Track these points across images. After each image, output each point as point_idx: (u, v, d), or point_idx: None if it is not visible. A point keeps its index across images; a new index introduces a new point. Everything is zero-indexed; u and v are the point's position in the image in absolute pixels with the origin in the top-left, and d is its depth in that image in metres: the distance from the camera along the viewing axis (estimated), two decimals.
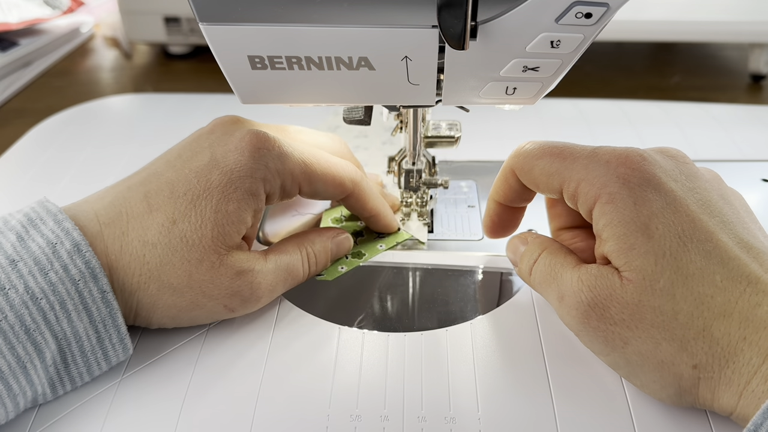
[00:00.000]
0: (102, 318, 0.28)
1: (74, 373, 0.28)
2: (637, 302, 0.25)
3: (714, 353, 0.24)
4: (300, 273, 0.33)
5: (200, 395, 0.28)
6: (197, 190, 0.29)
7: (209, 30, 0.25)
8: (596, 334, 0.26)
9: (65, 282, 0.27)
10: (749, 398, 0.23)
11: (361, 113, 0.33)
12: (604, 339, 0.26)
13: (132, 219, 0.29)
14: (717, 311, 0.24)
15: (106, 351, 0.28)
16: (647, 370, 0.26)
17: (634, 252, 0.26)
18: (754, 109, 0.55)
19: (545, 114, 0.53)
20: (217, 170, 0.30)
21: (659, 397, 0.26)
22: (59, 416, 0.28)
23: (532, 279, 0.31)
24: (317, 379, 0.29)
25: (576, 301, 0.27)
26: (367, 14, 0.24)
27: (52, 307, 0.26)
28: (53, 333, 0.26)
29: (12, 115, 0.62)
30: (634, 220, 0.26)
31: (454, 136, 0.37)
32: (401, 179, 0.39)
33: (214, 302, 0.30)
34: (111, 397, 0.28)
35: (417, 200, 0.39)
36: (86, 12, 0.84)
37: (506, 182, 0.32)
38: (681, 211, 0.26)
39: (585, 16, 0.24)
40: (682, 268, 0.25)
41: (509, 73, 0.27)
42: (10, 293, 0.25)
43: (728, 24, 0.62)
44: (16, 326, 0.25)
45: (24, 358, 0.25)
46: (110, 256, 0.29)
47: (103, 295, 0.27)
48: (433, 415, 0.27)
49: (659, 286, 0.25)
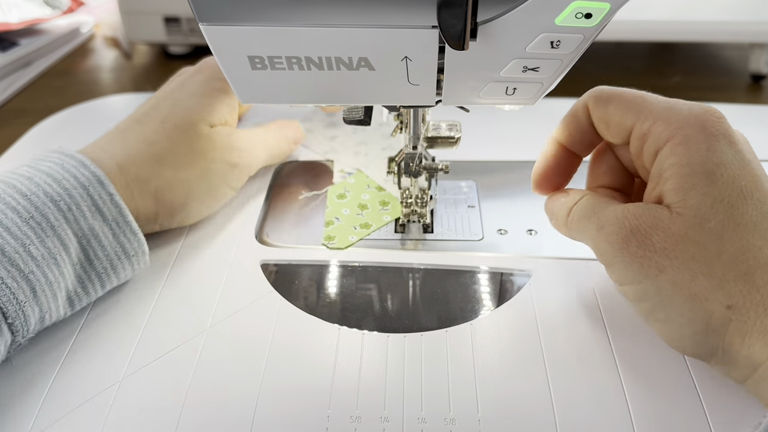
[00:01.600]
0: (113, 217, 0.32)
1: (99, 268, 0.32)
2: (683, 234, 0.26)
3: (753, 299, 0.24)
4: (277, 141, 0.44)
5: (200, 395, 0.28)
6: (178, 98, 0.37)
7: (209, 30, 0.25)
8: (633, 260, 0.26)
9: (77, 188, 0.31)
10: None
11: (361, 113, 0.33)
12: (640, 265, 0.26)
13: (129, 132, 0.36)
14: (763, 261, 0.25)
15: (123, 245, 0.32)
16: (677, 301, 0.26)
17: (693, 192, 0.26)
18: (754, 109, 0.55)
19: (545, 114, 0.53)
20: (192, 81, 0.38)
21: (678, 339, 0.27)
22: (60, 417, 0.28)
23: (570, 219, 0.31)
24: (317, 380, 0.29)
25: (618, 228, 0.27)
26: (367, 14, 0.24)
27: (69, 207, 0.30)
28: (73, 231, 0.30)
29: (12, 115, 0.62)
30: (702, 163, 0.26)
31: (454, 136, 0.37)
32: (401, 166, 0.38)
33: (218, 163, 0.37)
34: (111, 397, 0.28)
35: (417, 200, 0.39)
36: (86, 12, 0.84)
37: (575, 119, 0.32)
38: (747, 169, 0.27)
39: (585, 16, 0.24)
40: (735, 216, 0.25)
41: (509, 73, 0.27)
42: (32, 197, 0.29)
43: (728, 24, 0.62)
44: (43, 223, 0.29)
45: (54, 251, 0.29)
46: (118, 158, 0.34)
47: (111, 197, 0.32)
48: (432, 416, 0.27)
49: (709, 225, 0.25)
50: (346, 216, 0.40)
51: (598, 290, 0.34)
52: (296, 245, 0.38)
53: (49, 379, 0.29)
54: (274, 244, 0.38)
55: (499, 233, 0.39)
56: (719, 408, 0.28)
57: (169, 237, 0.38)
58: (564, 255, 0.37)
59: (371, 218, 0.40)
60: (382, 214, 0.40)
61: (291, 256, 0.37)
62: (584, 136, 0.32)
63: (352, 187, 0.43)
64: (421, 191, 0.39)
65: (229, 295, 0.34)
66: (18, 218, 0.29)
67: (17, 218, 0.29)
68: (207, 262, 0.36)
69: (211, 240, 0.38)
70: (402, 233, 0.39)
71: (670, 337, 0.27)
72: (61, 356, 0.30)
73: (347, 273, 0.36)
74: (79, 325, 0.32)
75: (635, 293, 0.27)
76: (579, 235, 0.31)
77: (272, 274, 0.36)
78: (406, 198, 0.39)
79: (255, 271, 0.36)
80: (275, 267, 0.36)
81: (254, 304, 0.33)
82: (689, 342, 0.26)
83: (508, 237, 0.39)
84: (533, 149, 0.48)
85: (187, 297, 0.34)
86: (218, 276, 0.35)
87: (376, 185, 0.42)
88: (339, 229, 0.39)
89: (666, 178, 0.27)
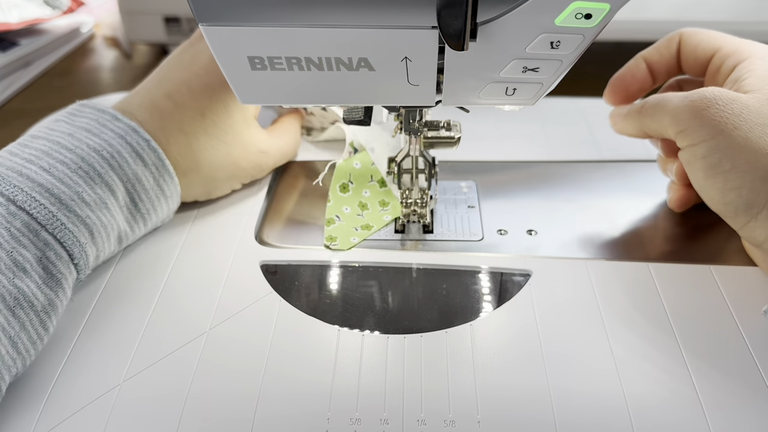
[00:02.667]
0: (152, 161, 0.35)
1: (143, 210, 0.35)
2: (758, 107, 0.31)
3: None
4: (297, 146, 0.46)
5: (200, 398, 0.28)
6: (212, 86, 0.37)
7: (209, 31, 0.25)
8: (712, 119, 0.31)
9: (115, 138, 0.34)
10: None
11: (361, 113, 0.33)
12: (718, 123, 0.31)
13: (165, 115, 0.36)
14: None
15: (161, 187, 0.36)
16: (746, 151, 0.30)
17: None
18: None
19: (545, 113, 0.53)
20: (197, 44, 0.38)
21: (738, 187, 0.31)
22: (61, 420, 0.27)
23: (644, 105, 0.36)
24: (317, 382, 0.29)
25: (701, 96, 0.32)
26: (367, 15, 0.24)
27: (112, 155, 0.33)
28: (119, 176, 0.33)
29: (12, 115, 0.62)
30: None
31: (454, 136, 0.37)
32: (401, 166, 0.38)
33: (244, 172, 0.40)
34: (112, 400, 0.28)
35: (417, 200, 0.39)
36: (86, 12, 0.84)
37: (668, 46, 0.39)
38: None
39: (585, 16, 0.24)
40: None
41: (509, 73, 0.27)
42: (77, 150, 0.32)
43: (728, 24, 0.62)
44: (91, 171, 0.32)
45: (103, 196, 0.32)
46: (157, 141, 0.35)
47: (148, 143, 0.34)
48: (432, 417, 0.27)
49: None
50: (347, 215, 0.40)
51: (598, 290, 0.34)
52: (296, 246, 0.38)
53: (50, 383, 0.29)
54: (274, 245, 0.38)
55: (499, 233, 0.39)
56: (720, 410, 0.28)
57: (168, 237, 0.38)
58: (564, 255, 0.37)
59: (372, 219, 0.40)
60: (382, 214, 0.40)
61: (291, 256, 0.37)
62: (668, 62, 0.39)
63: (356, 175, 0.42)
64: (421, 191, 0.39)
65: (229, 297, 0.34)
66: (68, 170, 0.31)
67: (67, 170, 0.31)
68: (207, 262, 0.36)
69: (211, 240, 0.38)
70: (402, 233, 0.39)
71: (731, 186, 0.31)
72: (61, 360, 0.30)
73: (347, 273, 0.36)
74: (79, 328, 0.32)
75: (706, 148, 0.31)
76: (653, 116, 0.35)
77: (272, 274, 0.36)
78: (406, 198, 0.39)
79: (255, 272, 0.36)
80: (275, 268, 0.36)
81: (254, 306, 0.33)
82: (747, 189, 0.30)
83: (508, 237, 0.39)
84: (533, 149, 0.48)
85: (187, 298, 0.34)
86: (218, 277, 0.35)
87: (379, 177, 0.42)
88: (340, 229, 0.39)
89: (745, 77, 0.33)
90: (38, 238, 0.29)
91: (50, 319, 0.30)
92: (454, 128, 0.37)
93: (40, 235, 0.29)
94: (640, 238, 0.39)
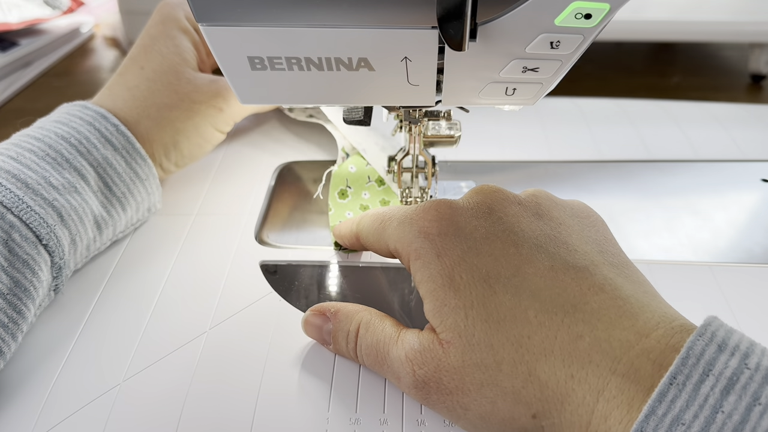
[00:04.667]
0: (123, 145, 0.36)
1: (118, 193, 0.36)
2: (461, 365, 0.24)
3: (546, 398, 0.23)
4: None
5: (200, 397, 0.28)
6: (146, 44, 0.40)
7: (209, 30, 0.25)
8: (440, 407, 0.25)
9: (84, 125, 0.35)
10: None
11: (361, 113, 0.33)
12: (447, 410, 0.25)
13: (113, 85, 0.39)
14: (537, 351, 0.23)
15: (135, 170, 0.36)
16: (494, 431, 0.24)
17: (446, 309, 0.24)
18: (754, 109, 0.55)
19: (545, 114, 0.53)
20: (152, 27, 0.40)
21: None
22: (61, 420, 0.27)
23: (360, 356, 0.29)
24: (316, 382, 0.29)
25: (412, 381, 0.25)
26: (367, 15, 0.24)
27: (80, 141, 0.34)
28: (88, 161, 0.34)
29: (12, 115, 0.62)
30: (440, 273, 0.25)
31: (454, 135, 0.37)
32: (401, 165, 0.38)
33: (204, 106, 0.40)
34: (112, 400, 0.28)
35: (417, 199, 0.39)
36: (86, 12, 0.84)
37: (356, 240, 0.33)
38: (483, 251, 0.25)
39: (585, 16, 0.24)
40: (492, 314, 0.24)
41: (509, 73, 0.27)
42: (45, 138, 0.33)
43: (728, 24, 0.62)
44: (58, 158, 0.33)
45: (72, 180, 0.33)
46: (107, 106, 0.37)
47: (116, 127, 0.36)
48: (431, 419, 0.27)
49: (475, 340, 0.24)
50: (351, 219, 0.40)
51: None
52: (296, 246, 0.38)
53: (49, 383, 0.29)
54: (273, 245, 0.38)
55: None
56: None
57: (168, 237, 0.38)
58: None
59: None
60: None
61: (291, 256, 0.37)
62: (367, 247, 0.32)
63: (353, 179, 0.42)
64: (421, 190, 0.39)
65: (229, 296, 0.34)
66: (35, 157, 0.32)
67: (34, 157, 0.32)
68: (207, 262, 0.36)
69: (211, 240, 0.38)
70: None
71: None
72: (61, 359, 0.30)
73: (347, 273, 0.36)
74: (79, 327, 0.32)
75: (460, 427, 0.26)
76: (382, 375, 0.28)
77: (272, 274, 0.36)
78: (406, 197, 0.39)
79: (255, 272, 0.36)
80: (275, 267, 0.36)
81: (254, 306, 0.33)
82: None
83: None
84: (533, 149, 0.48)
85: (186, 298, 0.34)
86: (218, 277, 0.35)
87: (377, 177, 0.42)
88: None
89: (422, 296, 0.26)
90: (4, 221, 0.29)
91: (21, 302, 0.29)
92: (453, 127, 0.37)
93: (5, 218, 0.29)
94: (640, 237, 0.39)
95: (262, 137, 0.50)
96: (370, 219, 0.31)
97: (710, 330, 0.21)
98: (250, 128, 0.51)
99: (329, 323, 0.30)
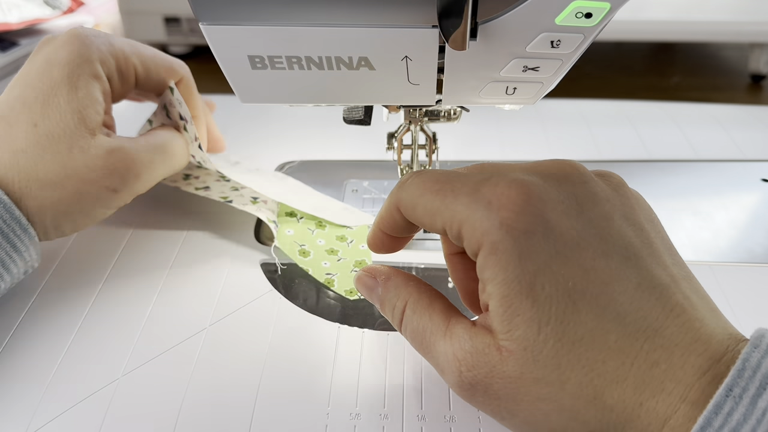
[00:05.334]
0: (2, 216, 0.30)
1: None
2: (519, 376, 0.22)
3: (608, 420, 0.21)
4: (179, 151, 0.37)
5: (199, 393, 0.28)
6: (45, 90, 0.32)
7: (209, 30, 0.25)
8: (484, 408, 0.24)
9: None
10: None
11: (361, 113, 0.33)
12: (492, 412, 0.24)
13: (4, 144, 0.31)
14: (609, 377, 0.21)
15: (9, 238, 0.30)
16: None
17: (518, 319, 0.22)
18: (754, 109, 0.55)
19: (545, 114, 0.53)
20: (56, 67, 0.32)
21: None
22: (58, 414, 0.28)
23: (404, 335, 0.27)
24: (317, 378, 0.29)
25: (458, 379, 0.23)
26: (367, 14, 0.24)
27: None
28: None
29: None
30: (518, 278, 0.22)
31: (456, 110, 0.36)
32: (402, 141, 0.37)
33: (95, 186, 0.32)
34: (110, 394, 0.28)
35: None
36: (86, 12, 0.84)
37: (392, 217, 0.27)
38: (572, 260, 0.22)
39: (585, 16, 0.24)
40: (568, 334, 0.22)
41: (509, 73, 0.27)
42: None
43: (728, 24, 0.62)
44: None
45: None
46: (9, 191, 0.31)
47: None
48: (432, 414, 0.27)
49: (542, 356, 0.22)
50: (338, 265, 0.37)
51: None
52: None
53: (47, 376, 0.29)
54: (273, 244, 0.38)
55: None
56: None
57: (168, 236, 0.38)
58: None
59: (352, 254, 0.37)
60: (353, 246, 0.38)
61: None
62: (406, 228, 0.28)
63: (300, 239, 0.38)
64: (421, 167, 0.38)
65: (229, 294, 0.34)
66: None
67: None
68: (207, 261, 0.36)
69: (211, 239, 0.38)
70: None
71: None
72: (60, 353, 0.30)
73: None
74: (78, 322, 0.32)
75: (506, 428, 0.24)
76: None
77: (272, 273, 0.36)
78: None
79: (255, 271, 0.36)
80: (275, 267, 0.36)
81: (254, 303, 0.33)
82: None
83: None
84: (533, 149, 0.48)
85: (186, 295, 0.34)
86: (218, 275, 0.35)
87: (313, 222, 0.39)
88: (343, 279, 0.36)
89: (488, 294, 0.23)
90: None
91: None
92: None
93: None
94: None
95: (263, 135, 0.50)
96: (421, 182, 0.25)
97: (765, 342, 0.20)
98: (251, 126, 0.51)
99: (379, 288, 0.28)
